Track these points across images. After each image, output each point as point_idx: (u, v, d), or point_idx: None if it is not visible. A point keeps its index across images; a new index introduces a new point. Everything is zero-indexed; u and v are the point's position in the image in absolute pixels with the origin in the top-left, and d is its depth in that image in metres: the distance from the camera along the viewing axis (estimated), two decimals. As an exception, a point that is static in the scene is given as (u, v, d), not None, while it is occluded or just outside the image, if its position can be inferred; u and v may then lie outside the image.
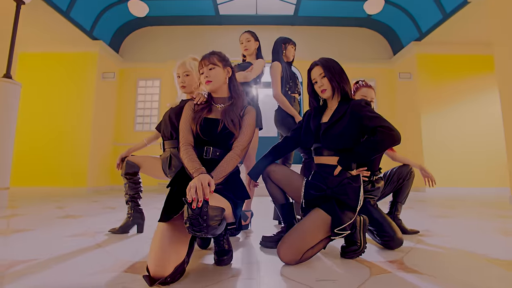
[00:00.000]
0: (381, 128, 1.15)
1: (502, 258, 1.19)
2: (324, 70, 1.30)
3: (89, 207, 2.92)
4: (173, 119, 1.63)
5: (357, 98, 1.75)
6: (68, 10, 4.72)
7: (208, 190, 0.89)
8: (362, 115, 1.19)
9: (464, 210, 2.73)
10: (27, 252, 1.27)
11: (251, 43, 2.17)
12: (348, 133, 1.21)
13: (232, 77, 1.34)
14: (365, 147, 1.18)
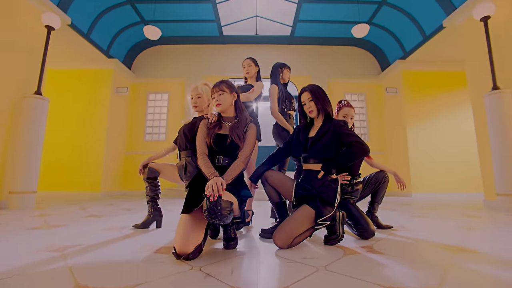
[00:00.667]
0: (355, 143, 1.41)
1: (453, 245, 1.44)
2: (311, 95, 1.58)
3: (108, 209, 3.15)
4: (186, 133, 1.88)
5: (340, 115, 2.04)
6: (89, 33, 5.07)
7: (221, 188, 1.15)
8: (341, 132, 1.46)
9: (440, 212, 2.96)
10: (71, 240, 1.51)
11: (252, 68, 2.47)
12: (330, 146, 1.47)
13: (238, 100, 1.62)
14: (343, 157, 1.44)
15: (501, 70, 3.37)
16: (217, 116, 1.61)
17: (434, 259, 1.20)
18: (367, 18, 5.79)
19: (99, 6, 5.01)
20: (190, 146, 1.84)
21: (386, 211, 3.04)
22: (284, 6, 5.67)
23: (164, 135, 6.51)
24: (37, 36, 3.74)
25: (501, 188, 3.08)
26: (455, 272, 1.00)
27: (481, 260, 1.17)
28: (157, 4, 5.26)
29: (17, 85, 3.44)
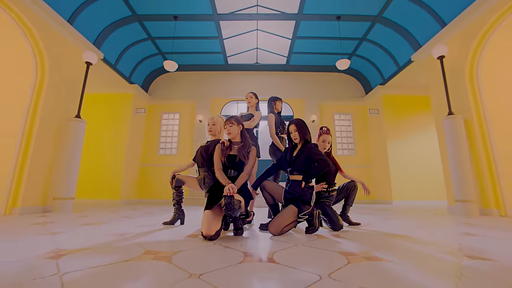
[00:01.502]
0: (320, 160, 1.91)
1: (397, 234, 1.91)
2: (296, 127, 2.10)
3: (134, 213, 3.60)
4: (203, 153, 2.36)
5: (320, 140, 2.53)
6: (116, 64, 5.71)
7: (234, 191, 1.65)
8: (311, 153, 1.97)
9: (408, 216, 3.40)
10: (122, 230, 1.98)
11: (253, 100, 3.01)
12: (305, 162, 1.98)
13: (243, 130, 2.14)
14: (314, 170, 1.94)
15: (454, 98, 3.94)
16: (228, 141, 2.13)
17: (377, 240, 1.67)
18: (350, 50, 6.45)
19: (125, 42, 5.68)
20: (206, 164, 2.33)
21: (364, 215, 3.49)
22: (281, 41, 6.35)
23: (176, 150, 7.02)
24: (78, 69, 4.34)
25: (458, 195, 3.54)
26: (384, 245, 1.48)
27: (407, 241, 1.64)
28: (174, 40, 5.93)
29: (62, 110, 3.99)
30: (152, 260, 1.15)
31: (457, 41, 4.04)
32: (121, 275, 0.95)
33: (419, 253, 1.33)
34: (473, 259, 1.19)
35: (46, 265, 1.05)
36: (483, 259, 1.18)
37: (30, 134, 3.50)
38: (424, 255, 1.29)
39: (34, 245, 1.42)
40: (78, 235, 1.78)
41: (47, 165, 3.70)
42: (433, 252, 1.34)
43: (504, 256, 1.25)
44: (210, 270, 1.01)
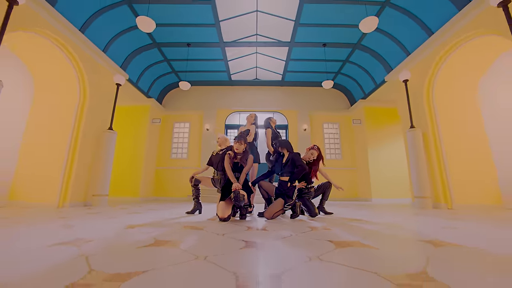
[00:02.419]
0: (299, 166, 2.58)
1: (355, 218, 2.56)
2: (286, 149, 2.76)
3: (158, 206, 4.24)
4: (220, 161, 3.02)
5: (308, 153, 3.16)
6: (137, 82, 6.39)
7: (239, 187, 2.31)
8: (294, 160, 2.63)
9: (377, 208, 4.04)
10: (161, 218, 2.63)
11: (251, 118, 3.66)
12: (290, 167, 2.64)
13: (246, 146, 2.80)
14: (295, 174, 2.60)
15: (415, 114, 4.61)
16: (233, 153, 2.79)
17: (337, 221, 2.32)
18: (336, 69, 7.14)
19: (145, 63, 6.36)
20: (220, 168, 2.99)
21: (343, 208, 4.14)
22: (277, 61, 7.03)
23: (186, 154, 7.67)
24: (110, 89, 5.00)
25: (416, 193, 4.19)
26: (339, 224, 2.14)
27: (358, 222, 2.30)
28: (188, 62, 6.62)
29: (98, 124, 4.65)
30: (192, 229, 1.80)
31: (418, 68, 4.73)
32: (178, 236, 1.61)
33: (360, 227, 1.99)
34: (389, 228, 1.85)
35: (133, 231, 1.71)
36: (402, 228, 1.84)
37: (75, 145, 4.16)
38: (363, 228, 1.94)
39: (111, 223, 2.07)
40: (131, 219, 2.43)
41: (88, 168, 4.35)
42: (373, 228, 2.00)
43: (419, 227, 1.91)
44: (228, 233, 1.67)
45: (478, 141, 4.20)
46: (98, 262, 0.96)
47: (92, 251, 1.13)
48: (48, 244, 1.26)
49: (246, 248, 1.24)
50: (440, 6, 3.95)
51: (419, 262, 0.98)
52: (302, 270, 0.89)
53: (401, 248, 1.27)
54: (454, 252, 1.13)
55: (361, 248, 1.23)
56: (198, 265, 0.94)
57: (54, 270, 0.87)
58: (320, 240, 1.44)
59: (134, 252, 1.13)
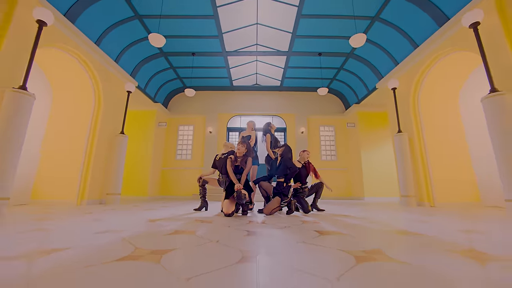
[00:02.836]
0: (289, 167, 2.88)
1: (346, 215, 2.86)
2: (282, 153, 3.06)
3: (167, 204, 4.53)
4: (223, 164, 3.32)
5: (301, 156, 3.46)
6: (145, 88, 6.69)
7: (241, 187, 2.61)
8: (285, 163, 2.93)
9: (366, 207, 4.33)
10: (170, 213, 2.92)
11: (251, 124, 3.96)
12: (283, 170, 2.94)
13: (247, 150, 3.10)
14: (289, 174, 2.90)
15: (402, 120, 4.91)
16: (234, 156, 3.09)
17: (326, 217, 2.62)
18: (331, 76, 7.44)
19: (153, 71, 6.66)
20: (223, 171, 3.28)
21: (335, 206, 4.43)
22: (275, 68, 7.33)
23: (190, 156, 7.97)
24: (121, 96, 5.31)
25: (403, 192, 4.49)
26: (328, 219, 2.44)
27: (346, 218, 2.59)
28: (194, 69, 6.92)
29: (112, 128, 4.95)
30: (202, 222, 2.10)
31: (405, 76, 5.03)
32: (193, 227, 1.91)
33: (344, 221, 2.28)
34: (370, 222, 2.15)
35: (155, 223, 2.01)
36: (380, 222, 2.14)
37: (91, 148, 4.46)
38: (346, 222, 2.24)
39: (134, 218, 2.37)
40: (149, 214, 2.73)
41: (102, 169, 4.65)
42: (356, 222, 2.30)
43: (395, 221, 2.21)
44: (232, 225, 1.97)
45: (459, 145, 4.50)
46: (138, 243, 1.26)
47: (130, 237, 1.43)
48: (93, 232, 1.56)
49: (248, 235, 1.54)
50: (423, 22, 4.25)
51: (380, 244, 1.27)
52: (290, 249, 1.19)
53: (371, 236, 1.57)
54: (413, 239, 1.43)
55: (339, 235, 1.53)
56: (213, 246, 1.24)
57: (110, 248, 1.17)
58: (308, 230, 1.74)
59: (162, 237, 1.43)
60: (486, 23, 3.03)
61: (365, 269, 0.87)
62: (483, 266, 0.91)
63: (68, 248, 1.15)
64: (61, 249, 1.13)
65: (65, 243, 1.24)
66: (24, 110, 2.72)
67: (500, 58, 2.90)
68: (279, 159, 3.05)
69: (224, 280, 0.77)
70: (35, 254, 1.04)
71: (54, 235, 1.47)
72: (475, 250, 1.13)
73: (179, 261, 0.99)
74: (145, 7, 4.60)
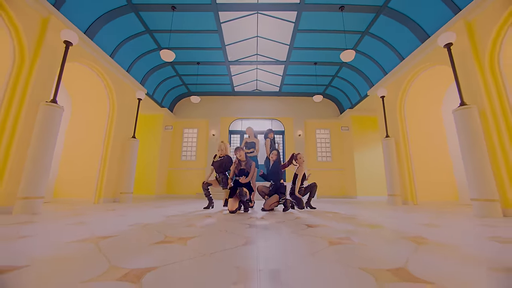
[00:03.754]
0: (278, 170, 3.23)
1: (334, 212, 3.20)
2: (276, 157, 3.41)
3: (176, 202, 4.87)
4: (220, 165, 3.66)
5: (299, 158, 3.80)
6: (153, 94, 7.03)
7: (245, 181, 2.95)
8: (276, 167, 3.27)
9: (357, 205, 4.67)
10: (185, 210, 3.26)
11: (251, 131, 4.29)
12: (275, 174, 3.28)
13: (246, 154, 3.44)
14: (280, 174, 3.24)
15: (390, 125, 5.25)
16: (238, 160, 3.43)
17: (317, 213, 2.96)
18: (326, 82, 7.77)
19: (160, 78, 7.00)
20: (221, 171, 3.63)
21: (329, 204, 4.77)
22: (274, 76, 7.67)
23: (194, 157, 8.31)
24: (133, 103, 5.65)
25: (389, 191, 4.83)
26: (317, 214, 2.78)
27: (332, 214, 2.94)
28: (198, 76, 7.26)
29: (124, 133, 5.29)
30: (211, 218, 2.45)
31: (393, 85, 5.36)
32: (202, 220, 2.25)
33: (331, 217, 2.63)
34: (352, 217, 2.50)
35: (173, 218, 2.35)
36: (359, 216, 2.49)
37: (107, 151, 4.80)
38: (332, 217, 2.58)
39: (153, 214, 2.72)
40: (164, 211, 3.07)
41: (116, 170, 4.99)
42: (340, 217, 2.64)
43: (373, 216, 2.55)
44: (237, 220, 2.32)
45: (441, 149, 4.84)
46: (166, 232, 1.60)
47: (156, 227, 1.77)
48: (126, 224, 1.91)
49: (250, 228, 1.88)
50: (407, 38, 4.58)
51: (350, 233, 1.61)
52: (283, 237, 1.54)
53: (347, 226, 1.91)
54: (377, 230, 1.77)
55: (323, 227, 1.87)
56: (224, 234, 1.58)
57: (145, 235, 1.51)
58: (300, 224, 2.08)
59: (183, 228, 1.78)
60: (458, 44, 3.36)
61: (334, 249, 1.22)
62: (417, 246, 1.25)
63: (116, 235, 1.49)
64: (111, 235, 1.47)
65: (111, 232, 1.58)
66: (55, 121, 3.06)
67: (469, 76, 3.24)
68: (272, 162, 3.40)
69: (235, 254, 1.11)
70: (96, 239, 1.38)
71: (96, 226, 1.81)
72: (420, 237, 1.48)
73: (201, 244, 1.33)
74: (155, 23, 4.93)
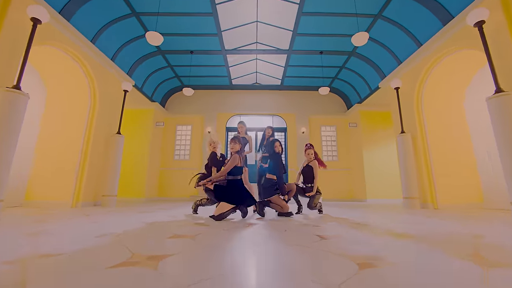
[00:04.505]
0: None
1: (345, 218, 2.86)
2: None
3: (169, 205, 4.54)
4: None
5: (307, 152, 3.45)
6: (142, 87, 6.69)
7: (206, 183, 2.62)
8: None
9: (366, 208, 4.34)
10: (170, 217, 2.93)
11: (243, 129, 3.94)
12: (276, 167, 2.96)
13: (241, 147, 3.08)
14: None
15: (405, 119, 4.92)
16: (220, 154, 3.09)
17: (323, 217, 2.63)
18: (333, 75, 7.46)
19: (150, 69, 6.67)
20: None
21: (335, 207, 4.44)
22: (276, 67, 7.34)
23: (188, 156, 7.97)
24: (118, 95, 5.31)
25: (405, 194, 4.50)
26: (324, 219, 2.45)
27: (343, 221, 2.60)
28: (192, 67, 6.93)
29: (108, 128, 4.96)
30: (198, 226, 2.11)
31: (408, 76, 5.04)
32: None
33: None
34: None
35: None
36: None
37: (87, 148, 4.46)
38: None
39: (132, 220, 2.38)
40: (147, 216, 2.74)
41: (98, 170, 4.65)
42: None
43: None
44: (228, 228, 1.98)
45: (463, 146, 4.52)
46: (136, 247, 1.27)
47: (128, 240, 1.44)
48: (94, 234, 1.57)
49: (246, 239, 1.55)
50: (427, 21, 4.26)
51: (377, 247, 1.28)
52: (289, 254, 1.20)
53: (369, 238, 1.58)
54: (411, 243, 1.44)
55: (337, 238, 1.54)
56: (210, 251, 1.25)
57: (106, 252, 1.17)
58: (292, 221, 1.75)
59: (161, 241, 1.44)
60: (492, 22, 3.04)
61: (368, 276, 0.88)
62: (488, 270, 0.92)
63: (64, 253, 1.16)
64: (58, 253, 1.14)
65: (64, 247, 1.25)
66: (18, 110, 2.72)
67: (505, 58, 2.91)
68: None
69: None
70: (32, 259, 1.05)
71: (51, 238, 1.47)
72: (478, 254, 1.14)
73: (177, 267, 1.00)
74: (142, 4, 4.60)
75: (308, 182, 3.27)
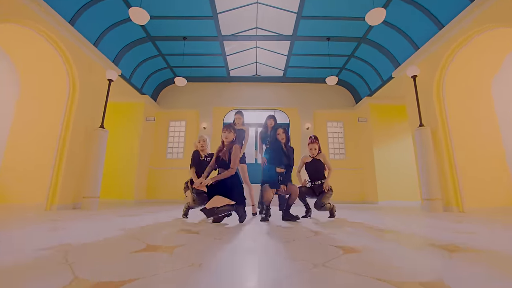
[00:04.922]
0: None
1: (359, 222, 2.52)
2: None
3: (158, 207, 4.19)
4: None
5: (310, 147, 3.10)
6: (130, 78, 6.35)
7: (199, 185, 2.27)
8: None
9: (377, 211, 3.99)
10: (154, 221, 2.58)
11: (240, 120, 3.60)
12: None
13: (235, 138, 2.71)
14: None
15: (424, 111, 4.57)
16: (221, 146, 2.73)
17: (335, 222, 2.29)
18: (340, 65, 7.10)
19: (139, 58, 6.32)
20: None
21: (347, 210, 4.10)
22: (278, 56, 6.99)
23: (182, 154, 7.63)
24: (102, 85, 4.95)
25: (425, 195, 4.15)
26: (340, 220, 2.10)
27: (358, 226, 2.26)
28: (184, 56, 6.57)
29: (90, 121, 4.61)
30: (187, 234, 1.76)
31: (427, 62, 4.69)
32: (172, 239, 1.57)
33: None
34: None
35: (139, 233, 1.67)
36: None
37: (64, 143, 4.11)
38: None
39: (107, 226, 2.03)
40: (129, 221, 2.39)
41: (78, 168, 4.31)
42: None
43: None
44: (221, 235, 1.63)
45: (491, 140, 4.17)
46: (87, 268, 0.92)
47: (84, 255, 1.09)
48: (45, 246, 1.22)
49: (238, 254, 1.20)
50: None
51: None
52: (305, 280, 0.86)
53: (410, 252, 1.23)
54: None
55: (369, 252, 1.20)
56: (196, 271, 0.90)
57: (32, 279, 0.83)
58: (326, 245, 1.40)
59: (131, 258, 1.09)
60: None
61: None
62: None
63: None
64: None
65: None
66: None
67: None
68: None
69: None
70: None
71: None
72: None
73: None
74: (128, -19, 4.25)
75: (317, 179, 2.92)
